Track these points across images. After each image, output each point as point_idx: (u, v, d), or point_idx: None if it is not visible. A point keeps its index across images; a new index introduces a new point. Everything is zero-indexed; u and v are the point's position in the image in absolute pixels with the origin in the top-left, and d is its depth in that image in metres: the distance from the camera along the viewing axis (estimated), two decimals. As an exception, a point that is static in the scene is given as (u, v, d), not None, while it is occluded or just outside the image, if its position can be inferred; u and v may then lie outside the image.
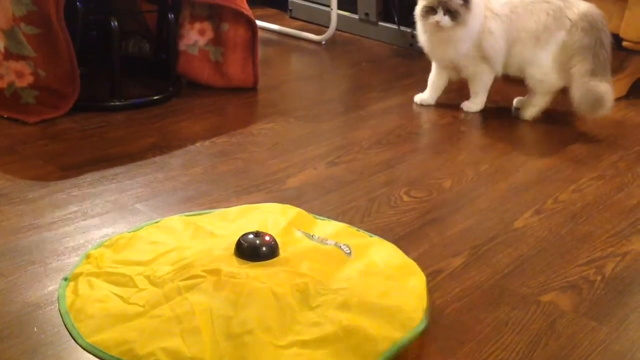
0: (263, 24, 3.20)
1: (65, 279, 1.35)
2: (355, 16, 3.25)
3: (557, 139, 2.22)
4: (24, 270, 1.39)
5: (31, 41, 2.04)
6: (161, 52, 2.40)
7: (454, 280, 1.45)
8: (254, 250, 1.39)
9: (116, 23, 2.16)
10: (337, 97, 2.58)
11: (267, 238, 1.41)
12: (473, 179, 1.91)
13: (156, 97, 2.30)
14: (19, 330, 1.22)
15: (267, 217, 1.57)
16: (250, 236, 1.41)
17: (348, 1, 3.22)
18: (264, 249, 1.39)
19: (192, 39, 2.40)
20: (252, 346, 1.18)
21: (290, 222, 1.55)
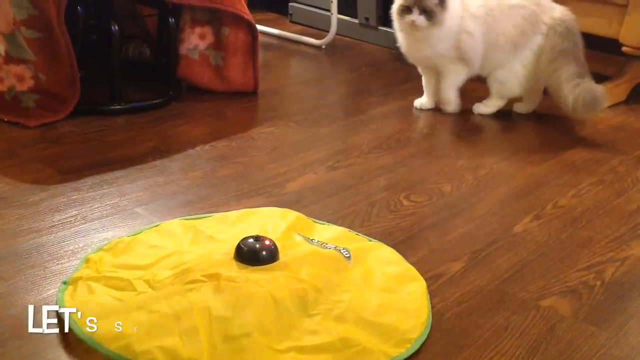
0: (263, 28, 3.20)
1: (64, 283, 1.34)
2: (355, 20, 3.25)
3: (556, 144, 2.22)
4: (23, 273, 1.39)
5: (32, 45, 2.04)
6: (161, 56, 2.40)
7: (454, 285, 1.45)
8: (254, 254, 1.39)
9: (116, 27, 2.17)
10: (337, 101, 2.58)
11: (267, 242, 1.41)
12: (473, 184, 1.91)
13: (156, 101, 2.30)
14: (18, 333, 1.22)
15: (267, 221, 1.57)
16: (250, 240, 1.41)
17: (348, 5, 3.22)
18: (264, 253, 1.39)
19: (193, 43, 2.41)
20: (250, 349, 1.18)
21: (289, 226, 1.55)
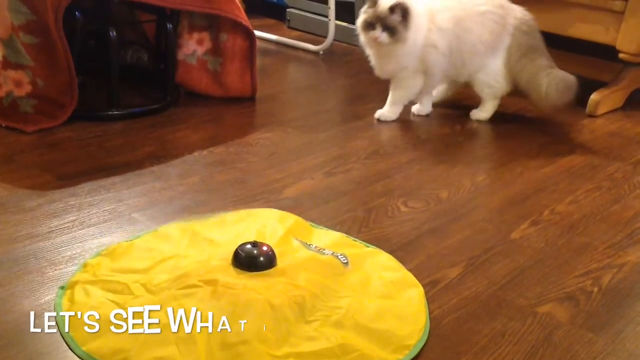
0: (261, 34, 3.21)
1: (61, 288, 1.34)
2: (353, 26, 3.25)
3: (553, 150, 2.23)
4: (21, 279, 1.38)
5: (30, 50, 2.04)
6: (159, 62, 2.40)
7: (451, 291, 1.45)
8: (252, 260, 1.39)
9: (115, 33, 2.17)
10: (334, 107, 2.58)
11: (265, 248, 1.41)
12: (470, 190, 1.91)
13: (154, 107, 2.30)
14: (16, 339, 1.22)
15: (265, 225, 1.57)
16: (248, 246, 1.41)
17: (346, 11, 3.23)
18: (261, 259, 1.39)
19: (191, 49, 2.41)
20: (248, 356, 1.18)
21: (288, 231, 1.55)
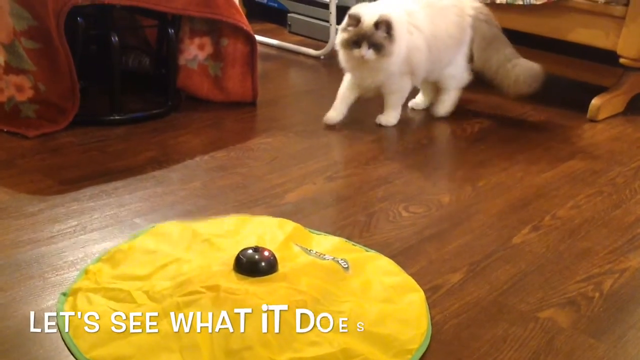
0: (262, 38, 3.21)
1: (63, 294, 1.34)
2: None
3: (555, 155, 2.23)
4: (22, 284, 1.39)
5: (31, 55, 2.05)
6: (161, 67, 2.41)
7: (452, 296, 1.45)
8: (253, 265, 1.39)
9: (116, 38, 2.17)
10: (335, 112, 2.58)
11: (266, 253, 1.41)
12: (471, 195, 1.91)
13: (156, 112, 2.31)
14: (17, 344, 1.22)
15: (265, 231, 1.57)
16: (250, 251, 1.41)
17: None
18: (263, 264, 1.39)
19: (192, 54, 2.41)
20: (251, 362, 1.18)
21: (288, 237, 1.55)
